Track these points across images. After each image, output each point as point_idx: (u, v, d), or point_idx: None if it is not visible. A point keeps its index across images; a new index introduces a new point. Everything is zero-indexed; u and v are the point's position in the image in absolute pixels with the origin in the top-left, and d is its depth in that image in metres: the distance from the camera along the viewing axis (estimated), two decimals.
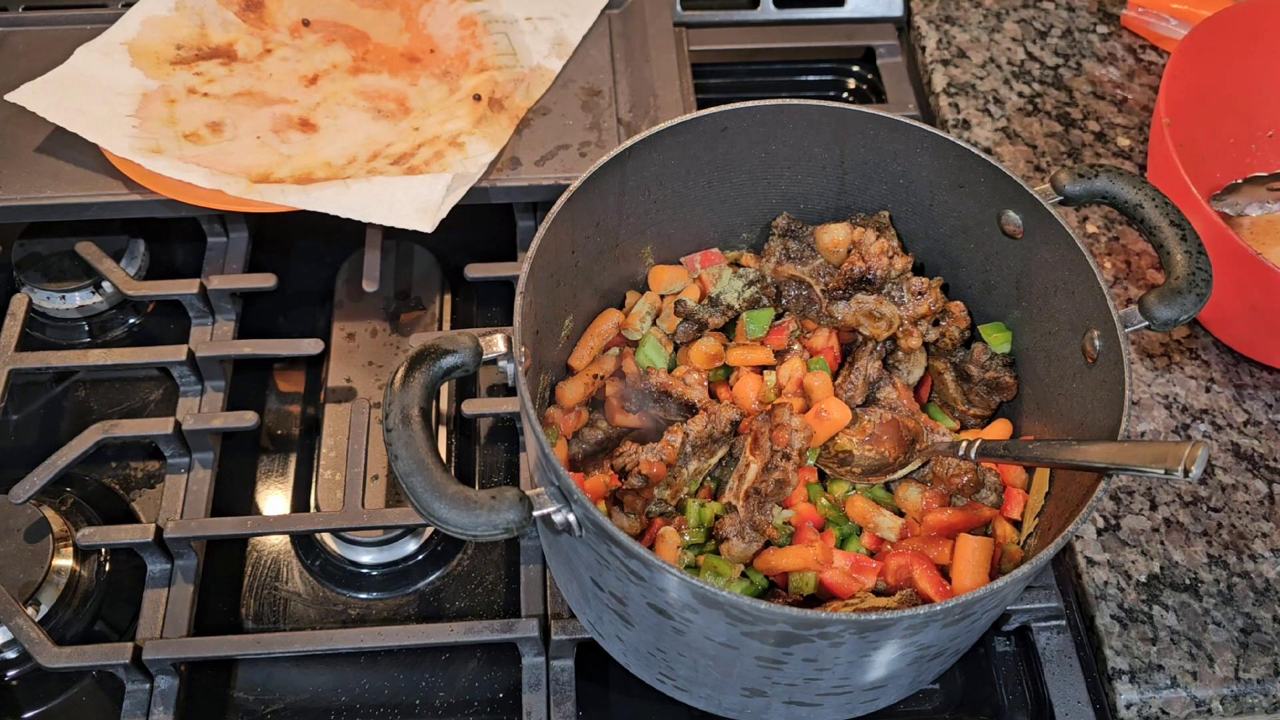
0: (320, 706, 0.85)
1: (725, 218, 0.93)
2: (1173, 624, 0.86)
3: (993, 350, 0.88)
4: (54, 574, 0.87)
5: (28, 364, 0.96)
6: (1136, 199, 0.76)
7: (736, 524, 0.78)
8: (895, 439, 0.84)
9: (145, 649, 0.82)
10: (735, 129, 0.85)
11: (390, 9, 1.19)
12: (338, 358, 1.03)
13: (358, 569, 0.93)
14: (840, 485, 0.84)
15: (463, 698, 0.86)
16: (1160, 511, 0.92)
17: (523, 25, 1.16)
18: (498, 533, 0.61)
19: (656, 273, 0.93)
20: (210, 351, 0.98)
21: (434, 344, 0.66)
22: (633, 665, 0.80)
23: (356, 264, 1.09)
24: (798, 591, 0.78)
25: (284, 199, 0.98)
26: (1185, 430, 0.97)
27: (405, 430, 0.62)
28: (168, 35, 1.12)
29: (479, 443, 1.01)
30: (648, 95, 1.12)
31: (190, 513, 0.92)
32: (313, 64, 1.13)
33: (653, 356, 0.89)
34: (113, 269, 1.03)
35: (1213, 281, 0.74)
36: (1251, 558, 0.89)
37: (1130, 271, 1.07)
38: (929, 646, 0.70)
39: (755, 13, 1.29)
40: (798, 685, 0.71)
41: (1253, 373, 1.01)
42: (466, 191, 1.01)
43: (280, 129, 1.06)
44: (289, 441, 1.01)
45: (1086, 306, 0.77)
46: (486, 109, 1.07)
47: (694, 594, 0.63)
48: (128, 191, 1.00)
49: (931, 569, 0.78)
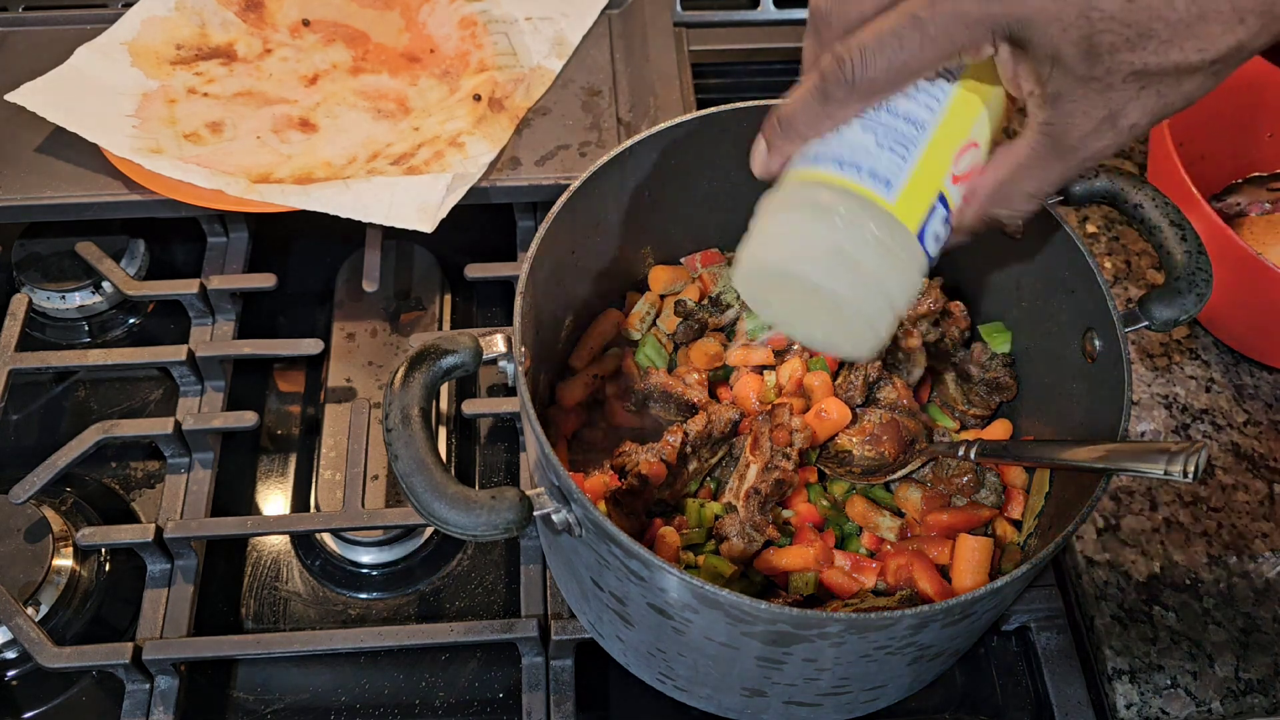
0: (320, 706, 0.85)
1: (725, 218, 0.93)
2: (1173, 624, 0.86)
3: (993, 350, 0.88)
4: (54, 574, 0.87)
5: (28, 364, 0.96)
6: (1136, 199, 0.76)
7: (736, 524, 0.78)
8: (895, 439, 0.84)
9: (145, 649, 0.82)
10: (735, 129, 0.85)
11: (390, 9, 1.19)
12: (338, 358, 1.03)
13: (358, 569, 0.93)
14: (840, 485, 0.84)
15: (463, 698, 0.86)
16: (1160, 511, 0.91)
17: (523, 25, 1.16)
18: (498, 533, 0.61)
19: (656, 273, 0.93)
20: (210, 351, 0.98)
21: (434, 344, 0.66)
22: (633, 665, 0.80)
23: (356, 264, 1.09)
24: (798, 591, 0.78)
25: (284, 199, 0.98)
26: (1185, 430, 0.97)
27: (405, 430, 0.62)
28: (168, 35, 1.12)
29: (479, 443, 1.01)
30: (648, 95, 1.12)
31: (190, 513, 0.92)
32: (313, 64, 1.13)
33: (653, 356, 0.89)
34: (113, 269, 1.03)
35: (1213, 281, 0.74)
36: (1251, 558, 0.89)
37: (1130, 271, 1.07)
38: (929, 646, 0.70)
39: (755, 13, 1.29)
40: (798, 685, 0.71)
41: (1253, 373, 1.01)
42: (466, 191, 1.01)
43: (280, 129, 1.06)
44: (289, 441, 1.01)
45: (1086, 306, 0.77)
46: (486, 109, 1.07)
47: (694, 594, 0.63)
48: (128, 191, 1.00)
49: (931, 569, 0.78)
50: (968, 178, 0.59)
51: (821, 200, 0.57)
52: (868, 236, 0.56)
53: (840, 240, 0.56)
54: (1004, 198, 0.60)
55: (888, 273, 0.57)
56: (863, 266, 0.56)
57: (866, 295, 0.57)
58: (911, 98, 0.58)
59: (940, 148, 0.58)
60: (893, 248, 0.57)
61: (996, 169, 0.60)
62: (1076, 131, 0.55)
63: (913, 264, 0.58)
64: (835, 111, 0.58)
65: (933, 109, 0.58)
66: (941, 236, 0.59)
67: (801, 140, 0.60)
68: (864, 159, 0.57)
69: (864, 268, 0.56)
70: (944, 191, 0.58)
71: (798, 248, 0.58)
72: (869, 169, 0.56)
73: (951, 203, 0.59)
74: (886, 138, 0.57)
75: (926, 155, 0.57)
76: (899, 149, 0.57)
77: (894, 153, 0.57)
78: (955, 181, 0.59)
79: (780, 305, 0.61)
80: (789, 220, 0.58)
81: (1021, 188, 0.59)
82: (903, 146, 0.57)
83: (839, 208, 0.56)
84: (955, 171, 0.59)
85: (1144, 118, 0.55)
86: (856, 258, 0.56)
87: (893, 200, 0.56)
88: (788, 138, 0.60)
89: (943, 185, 0.58)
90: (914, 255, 0.58)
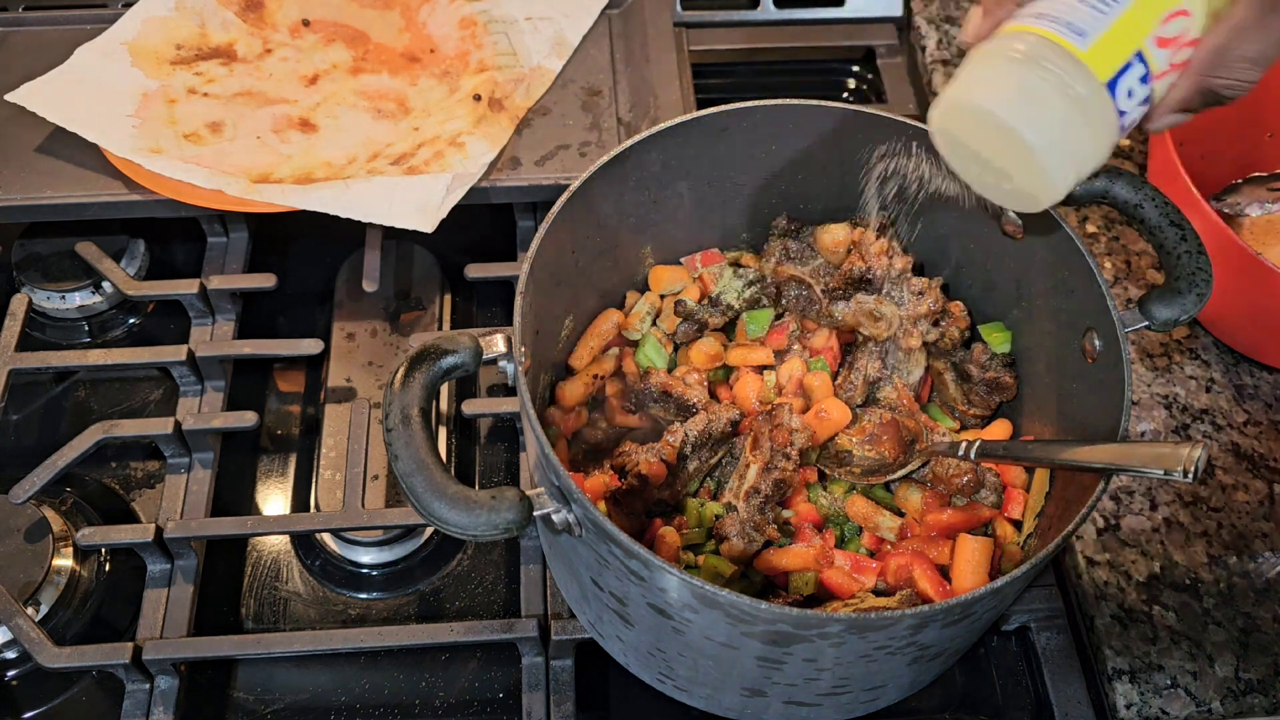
0: (320, 706, 0.85)
1: (725, 218, 0.93)
2: (1173, 624, 0.86)
3: (993, 350, 0.88)
4: (54, 574, 0.87)
5: (28, 364, 0.96)
6: (1136, 199, 0.76)
7: (736, 524, 0.78)
8: (895, 439, 0.84)
9: (145, 649, 0.82)
10: (735, 129, 0.85)
11: (390, 9, 1.19)
12: (338, 358, 1.03)
13: (358, 569, 0.93)
14: (840, 485, 0.84)
15: (463, 698, 0.86)
16: (1160, 511, 0.91)
17: (523, 25, 1.16)
18: (498, 533, 0.61)
19: (656, 273, 0.93)
20: (210, 351, 0.98)
21: (434, 344, 0.66)
22: (633, 665, 0.80)
23: (356, 264, 1.09)
24: (798, 591, 0.78)
25: (284, 199, 0.98)
26: (1185, 430, 0.97)
27: (405, 430, 0.62)
28: (168, 35, 1.12)
29: (479, 443, 1.01)
30: (648, 95, 1.12)
31: (190, 513, 0.92)
32: (313, 64, 1.13)
33: (653, 356, 0.89)
34: (113, 269, 1.03)
35: (1213, 281, 0.74)
36: (1251, 558, 0.89)
37: (1130, 271, 1.07)
38: (929, 646, 0.70)
39: (755, 13, 1.29)
40: (797, 685, 0.71)
41: (1253, 373, 1.01)
42: (466, 191, 1.01)
43: (280, 129, 1.06)
44: (289, 441, 1.01)
45: (1086, 306, 0.77)
46: (486, 109, 1.07)
47: (694, 594, 0.63)
48: (128, 191, 1.00)
49: (931, 569, 0.78)
50: (1175, 42, 0.61)
51: (1016, 47, 0.61)
52: (1053, 79, 0.60)
53: (1028, 80, 0.60)
54: (1222, 64, 0.60)
55: (1073, 118, 0.60)
56: (1047, 107, 0.60)
57: (1049, 138, 0.60)
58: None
59: (1146, 8, 0.61)
60: (1080, 94, 0.60)
61: (1214, 36, 0.60)
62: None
63: (1100, 115, 0.61)
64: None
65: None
66: (1137, 93, 0.62)
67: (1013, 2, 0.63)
68: (1064, 12, 0.61)
69: (1049, 109, 0.60)
70: (1143, 50, 0.61)
71: (987, 87, 0.62)
72: (1066, 21, 0.61)
73: (1153, 63, 0.61)
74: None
75: (1129, 13, 0.60)
76: (1101, 5, 0.61)
77: (1094, 8, 0.61)
78: (1161, 45, 0.61)
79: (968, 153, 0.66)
80: (981, 63, 0.63)
81: (1240, 51, 0.59)
82: (1104, 3, 0.61)
83: (1030, 51, 0.61)
84: (1161, 34, 0.61)
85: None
86: (1041, 97, 0.60)
87: (1084, 48, 0.60)
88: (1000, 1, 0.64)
89: (1142, 44, 0.61)
90: (1103, 105, 0.61)
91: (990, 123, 0.62)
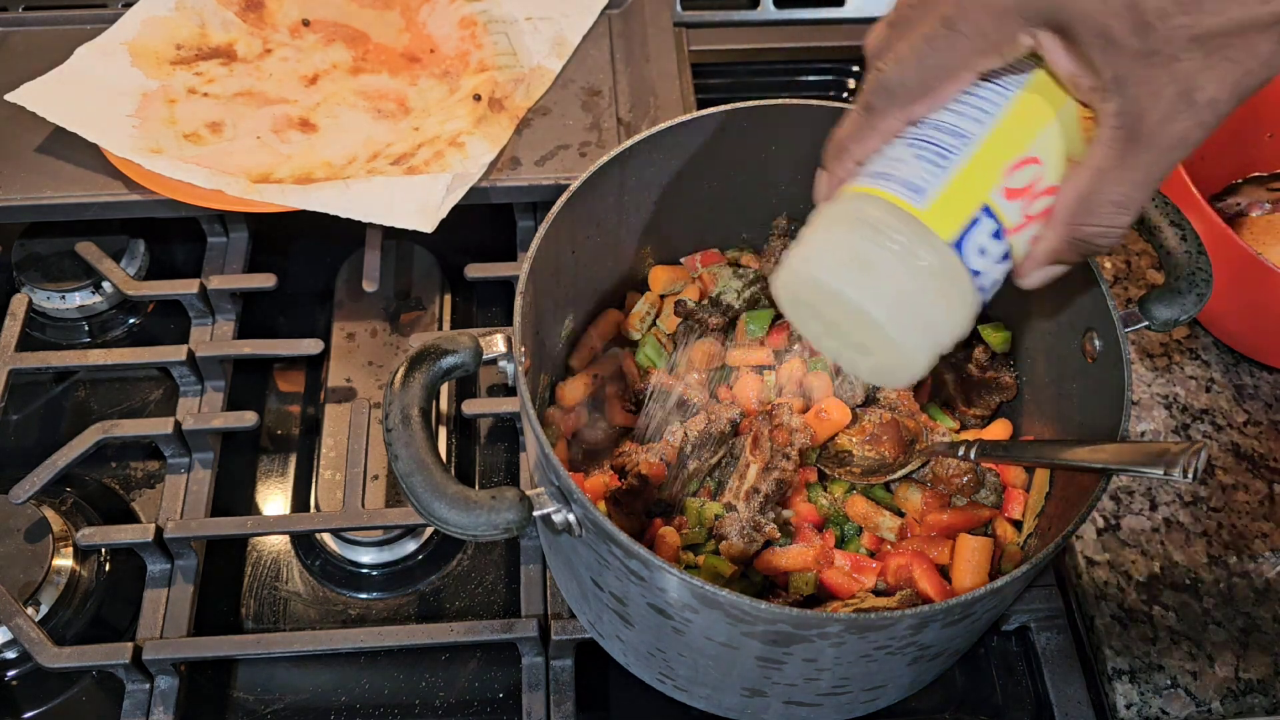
0: (320, 706, 0.85)
1: (725, 218, 0.93)
2: (1173, 624, 0.86)
3: (993, 350, 0.88)
4: (54, 574, 0.87)
5: (28, 364, 0.96)
6: None
7: (736, 524, 0.78)
8: (895, 439, 0.84)
9: (145, 649, 0.82)
10: (735, 129, 0.85)
11: (390, 9, 1.19)
12: (338, 358, 1.03)
13: (358, 569, 0.93)
14: (840, 485, 0.84)
15: (463, 698, 0.86)
16: (1160, 511, 0.92)
17: (523, 25, 1.16)
18: (498, 533, 0.61)
19: (656, 273, 0.93)
20: (210, 351, 0.98)
21: (434, 344, 0.66)
22: (633, 665, 0.80)
23: (356, 264, 1.09)
24: (798, 591, 0.78)
25: (284, 199, 0.98)
26: (1185, 430, 0.97)
27: (405, 430, 0.62)
28: (168, 35, 1.12)
29: (479, 443, 1.01)
30: (648, 95, 1.12)
31: (190, 513, 0.92)
32: (313, 64, 1.13)
33: (653, 356, 0.89)
34: (113, 269, 1.03)
35: (1213, 281, 0.74)
36: (1251, 558, 0.89)
37: (1130, 271, 1.07)
38: (929, 646, 0.70)
39: (755, 13, 1.29)
40: (797, 685, 0.71)
41: (1253, 373, 1.01)
42: (466, 191, 1.01)
43: (280, 129, 1.06)
44: (289, 441, 1.01)
45: (1086, 306, 0.77)
46: (486, 109, 1.07)
47: (694, 594, 0.63)
48: (128, 191, 1.00)
49: (931, 569, 0.78)
50: (1027, 192, 0.56)
51: (852, 211, 0.57)
52: (896, 247, 0.55)
53: (867, 251, 0.55)
54: (1087, 211, 0.55)
55: (922, 287, 0.55)
56: (892, 279, 0.55)
57: (896, 312, 0.55)
58: (958, 110, 0.57)
59: (987, 158, 0.56)
60: (926, 263, 0.55)
61: (1074, 182, 0.55)
62: (1150, 116, 0.50)
63: (952, 280, 0.56)
64: (879, 124, 0.57)
65: (981, 121, 0.56)
66: (991, 250, 0.56)
67: (853, 160, 0.59)
68: (898, 170, 0.57)
69: (893, 280, 0.55)
70: (990, 204, 0.56)
71: (827, 257, 0.57)
72: (901, 179, 0.56)
73: (1004, 217, 0.56)
74: (925, 149, 0.56)
75: (969, 166, 0.56)
76: (937, 159, 0.56)
77: (930, 162, 0.56)
78: (1011, 196, 0.56)
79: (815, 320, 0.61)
80: (822, 229, 0.59)
81: (1105, 196, 0.54)
82: (941, 156, 0.56)
83: (868, 217, 0.56)
84: (1009, 184, 0.56)
85: (1223, 90, 0.49)
86: (885, 269, 0.55)
87: (923, 207, 0.55)
88: (839, 159, 0.60)
89: (988, 197, 0.56)
90: (953, 270, 0.56)
91: (830, 293, 0.56)
